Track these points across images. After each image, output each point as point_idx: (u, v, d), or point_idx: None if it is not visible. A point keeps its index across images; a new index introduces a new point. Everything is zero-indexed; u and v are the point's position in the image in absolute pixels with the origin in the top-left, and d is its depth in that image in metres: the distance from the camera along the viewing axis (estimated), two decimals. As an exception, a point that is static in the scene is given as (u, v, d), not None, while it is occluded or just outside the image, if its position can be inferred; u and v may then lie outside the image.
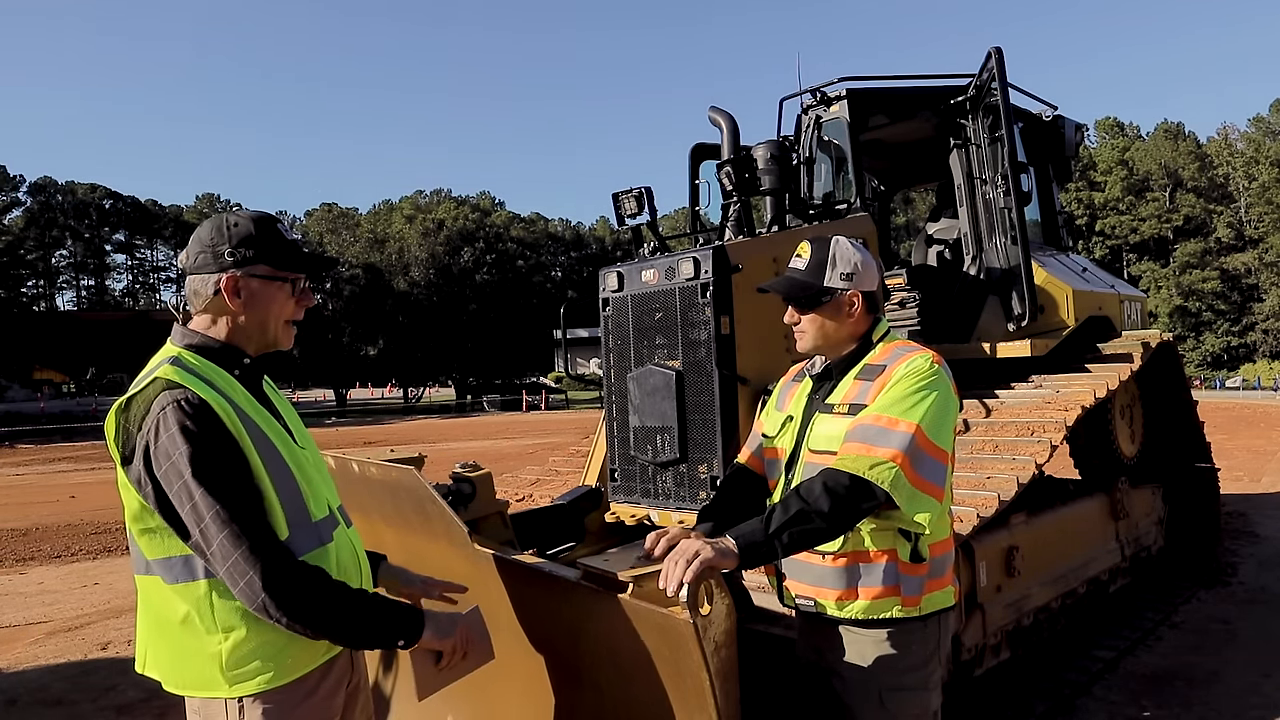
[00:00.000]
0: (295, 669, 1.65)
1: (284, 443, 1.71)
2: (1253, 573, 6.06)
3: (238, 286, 1.67)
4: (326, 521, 1.74)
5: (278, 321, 1.74)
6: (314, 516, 1.70)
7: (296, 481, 1.67)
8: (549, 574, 2.17)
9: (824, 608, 1.98)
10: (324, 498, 1.77)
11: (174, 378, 1.58)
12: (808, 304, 2.06)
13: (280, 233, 1.73)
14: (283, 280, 1.72)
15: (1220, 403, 28.83)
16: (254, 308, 1.70)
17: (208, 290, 1.68)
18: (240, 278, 1.67)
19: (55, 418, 34.48)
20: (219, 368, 1.68)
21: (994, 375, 4.64)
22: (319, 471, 1.83)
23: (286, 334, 1.77)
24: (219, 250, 1.66)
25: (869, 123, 5.35)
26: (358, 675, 1.86)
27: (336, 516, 1.81)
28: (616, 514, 4.14)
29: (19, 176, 67.65)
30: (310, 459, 1.80)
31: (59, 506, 11.45)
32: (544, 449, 14.98)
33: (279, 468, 1.65)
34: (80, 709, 4.21)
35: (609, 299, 4.17)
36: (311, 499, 1.71)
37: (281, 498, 1.63)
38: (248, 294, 1.69)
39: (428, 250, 57.08)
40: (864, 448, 1.86)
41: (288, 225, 1.78)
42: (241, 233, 1.67)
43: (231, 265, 1.66)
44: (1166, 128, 61.32)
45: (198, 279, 1.69)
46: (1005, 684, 3.89)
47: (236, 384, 1.68)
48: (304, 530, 1.66)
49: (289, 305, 1.75)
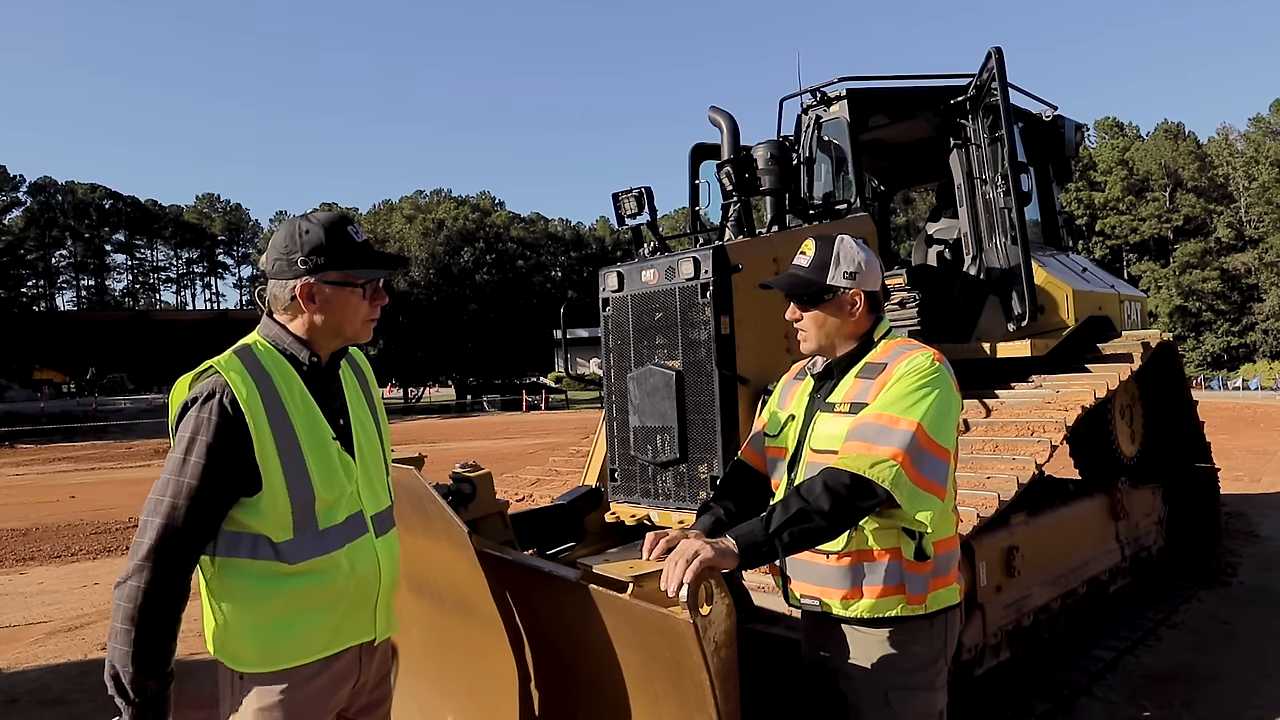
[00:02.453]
0: (288, 658, 1.70)
1: (318, 443, 1.75)
2: (1253, 573, 6.05)
3: (312, 293, 1.76)
4: (342, 529, 1.77)
5: (353, 322, 1.83)
6: (322, 524, 1.73)
7: (312, 486, 1.71)
8: (549, 574, 2.17)
9: (829, 607, 1.98)
10: (348, 503, 1.79)
11: (223, 366, 1.69)
12: (810, 301, 2.06)
13: (350, 237, 1.79)
14: (354, 285, 1.79)
15: (1220, 403, 28.82)
16: (328, 311, 1.78)
17: (285, 295, 1.77)
18: (314, 284, 1.75)
19: (55, 418, 34.43)
20: (285, 361, 1.77)
21: (994, 375, 4.63)
22: (369, 475, 1.87)
23: (365, 330, 1.86)
24: (293, 258, 1.75)
25: (869, 123, 5.35)
26: (366, 676, 1.88)
27: (365, 524, 1.83)
28: (616, 514, 4.15)
29: (19, 176, 67.70)
30: (362, 461, 1.85)
31: (59, 506, 11.44)
32: (544, 449, 14.98)
33: (297, 470, 1.69)
34: (80, 709, 4.21)
35: (609, 299, 4.17)
36: (326, 505, 1.74)
37: (293, 498, 1.68)
38: (322, 299, 1.77)
39: (428, 250, 57.08)
40: (865, 446, 1.86)
41: (357, 228, 1.84)
42: (313, 240, 1.75)
43: (305, 273, 1.75)
44: (1166, 128, 61.35)
45: (276, 284, 1.79)
46: (1005, 684, 3.89)
47: (296, 378, 1.77)
48: (305, 538, 1.70)
49: (362, 306, 1.83)
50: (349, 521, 1.79)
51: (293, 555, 1.68)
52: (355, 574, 1.78)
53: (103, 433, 28.18)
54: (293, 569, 1.69)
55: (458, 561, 2.38)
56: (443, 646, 2.72)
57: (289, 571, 1.69)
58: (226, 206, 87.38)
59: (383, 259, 1.88)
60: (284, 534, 1.68)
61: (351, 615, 1.79)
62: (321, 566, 1.72)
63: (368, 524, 1.84)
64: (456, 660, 2.67)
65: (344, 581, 1.75)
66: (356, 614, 1.81)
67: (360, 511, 1.82)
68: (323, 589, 1.72)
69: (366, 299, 1.83)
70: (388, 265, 1.90)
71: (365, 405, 1.95)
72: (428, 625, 2.75)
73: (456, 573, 2.45)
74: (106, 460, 18.58)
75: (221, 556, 1.69)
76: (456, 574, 2.46)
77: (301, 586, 1.70)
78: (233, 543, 1.69)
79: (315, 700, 1.75)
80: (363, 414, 1.92)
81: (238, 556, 1.68)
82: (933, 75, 5.33)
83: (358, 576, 1.78)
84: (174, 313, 76.44)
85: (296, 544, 1.69)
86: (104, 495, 12.31)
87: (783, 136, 5.55)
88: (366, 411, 1.94)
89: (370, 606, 1.84)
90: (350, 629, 1.80)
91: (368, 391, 1.99)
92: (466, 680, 2.65)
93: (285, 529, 1.68)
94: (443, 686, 2.74)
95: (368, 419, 1.93)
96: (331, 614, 1.75)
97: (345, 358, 1.94)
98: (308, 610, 1.71)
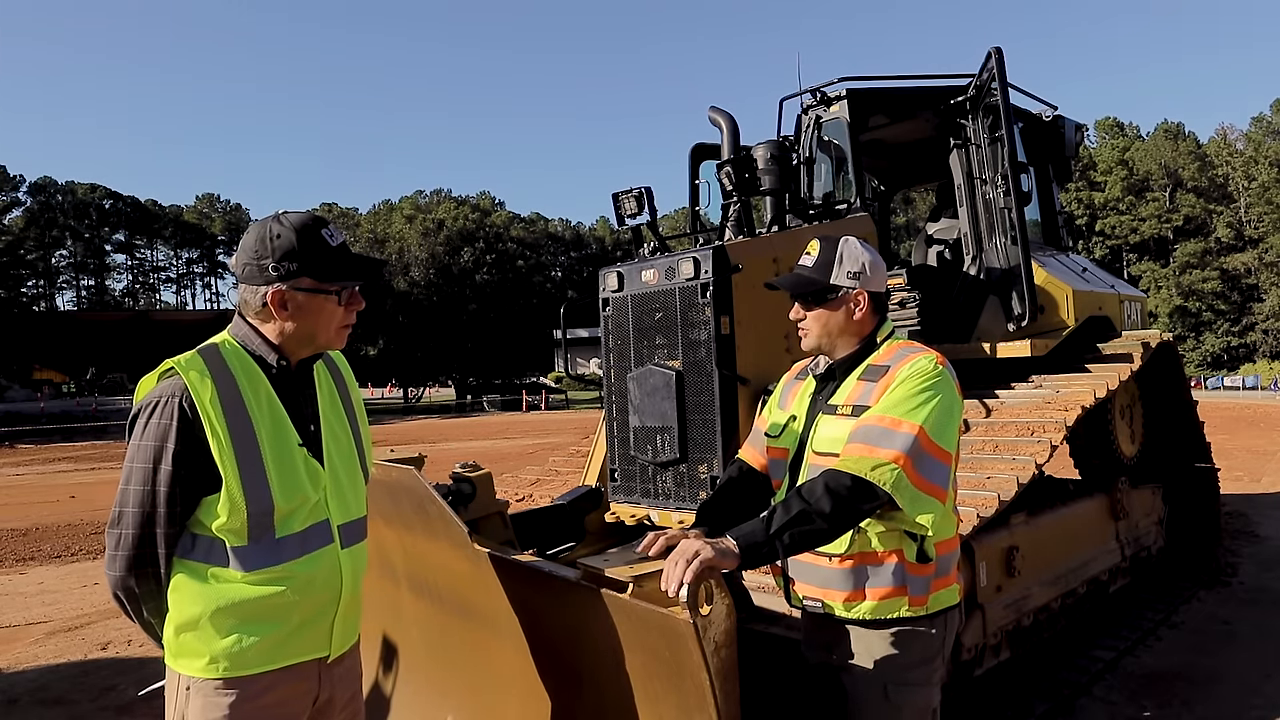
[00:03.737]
0: (233, 667, 1.64)
1: (281, 449, 1.69)
2: (1253, 573, 6.05)
3: (284, 300, 1.69)
4: (300, 538, 1.70)
5: (326, 330, 1.76)
6: (279, 532, 1.67)
7: (271, 493, 1.65)
8: (549, 574, 2.17)
9: (832, 609, 1.99)
10: (312, 512, 1.73)
11: (183, 366, 1.64)
12: (813, 300, 2.06)
13: (324, 241, 1.70)
14: (328, 293, 1.72)
15: (1220, 403, 28.82)
16: (301, 318, 1.71)
17: (256, 301, 1.70)
18: (286, 291, 1.68)
19: (55, 418, 34.43)
20: (253, 362, 1.71)
21: (994, 375, 4.63)
22: (339, 483, 1.80)
23: (339, 337, 1.79)
24: (264, 263, 1.67)
25: (869, 123, 5.35)
26: (329, 692, 1.80)
27: (331, 534, 1.76)
28: (616, 514, 4.14)
29: (19, 176, 67.65)
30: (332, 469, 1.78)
31: (59, 506, 11.45)
32: (544, 449, 14.98)
33: (255, 475, 1.64)
34: (80, 709, 4.21)
35: (609, 299, 4.16)
36: (284, 514, 1.67)
37: (249, 504, 1.63)
38: (294, 306, 1.70)
39: (428, 250, 57.12)
40: (866, 449, 1.86)
41: (334, 229, 1.75)
42: (284, 245, 1.66)
43: (276, 279, 1.67)
44: (1166, 128, 61.35)
45: (247, 289, 1.71)
46: (1005, 684, 3.89)
47: (263, 381, 1.71)
48: (260, 545, 1.65)
49: (338, 313, 1.76)
50: (310, 531, 1.72)
51: (245, 562, 1.63)
52: (312, 586, 1.71)
53: (103, 433, 28.15)
54: (244, 576, 1.63)
55: (458, 561, 2.38)
56: (443, 646, 2.72)
57: (240, 578, 1.63)
58: (226, 206, 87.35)
59: (360, 264, 1.79)
60: (239, 539, 1.63)
61: (304, 629, 1.71)
62: (276, 576, 1.65)
63: (333, 534, 1.76)
64: (456, 660, 2.67)
65: (297, 593, 1.68)
66: (310, 628, 1.73)
67: (326, 521, 1.75)
68: (274, 599, 1.66)
69: (342, 305, 1.75)
70: (365, 271, 1.80)
71: (340, 410, 1.88)
72: (428, 625, 2.75)
73: (456, 573, 2.45)
74: (106, 460, 18.57)
75: (177, 557, 1.65)
76: (456, 574, 2.46)
77: (252, 594, 1.64)
78: (187, 544, 1.65)
79: (265, 716, 1.67)
80: (336, 420, 1.85)
81: (191, 559, 1.65)
82: (933, 75, 5.34)
83: (315, 589, 1.71)
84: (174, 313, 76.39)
85: (250, 551, 1.63)
86: (104, 495, 12.29)
87: (783, 136, 5.54)
88: (341, 417, 1.87)
89: (327, 621, 1.76)
90: (301, 643, 1.72)
91: (345, 396, 1.92)
92: (466, 680, 2.65)
93: (240, 535, 1.62)
94: (442, 686, 2.74)
95: (341, 425, 1.86)
96: (281, 626, 1.67)
97: (322, 359, 1.87)
98: (256, 620, 1.65)
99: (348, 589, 1.79)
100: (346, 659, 1.86)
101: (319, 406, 1.82)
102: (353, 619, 1.86)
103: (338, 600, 1.77)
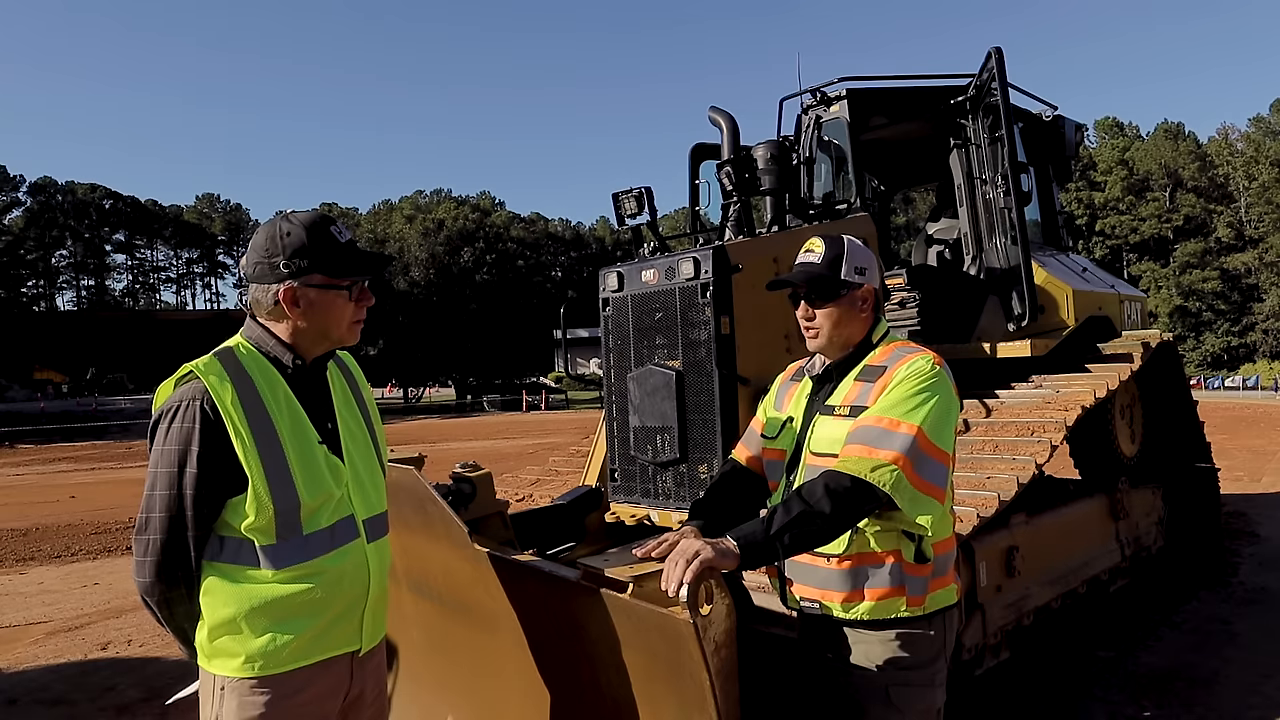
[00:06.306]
0: (268, 665, 1.65)
1: (303, 446, 1.71)
2: (1253, 573, 6.05)
3: (295, 297, 1.71)
4: (329, 534, 1.72)
5: (339, 325, 1.78)
6: (307, 529, 1.69)
7: (297, 490, 1.67)
8: (549, 574, 2.17)
9: (830, 610, 1.98)
10: (337, 507, 1.75)
11: (202, 370, 1.66)
12: (825, 296, 2.04)
13: (333, 237, 1.73)
14: (339, 288, 1.74)
15: (1220, 403, 28.82)
16: (314, 315, 1.73)
17: (268, 300, 1.71)
18: (298, 288, 1.70)
19: (55, 418, 34.43)
20: (269, 363, 1.73)
21: (994, 375, 4.63)
22: (359, 478, 1.82)
23: (351, 332, 1.81)
24: (274, 261, 1.69)
25: (869, 123, 5.35)
26: (360, 687, 1.83)
27: (357, 528, 1.79)
28: (616, 514, 4.14)
29: (19, 176, 67.72)
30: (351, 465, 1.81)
31: (59, 506, 11.44)
32: (544, 449, 14.98)
33: (280, 473, 1.65)
34: (80, 709, 4.21)
35: (609, 299, 4.16)
36: (311, 510, 1.69)
37: (276, 502, 1.64)
38: (306, 303, 1.72)
39: (428, 250, 57.12)
40: (865, 450, 1.86)
41: (341, 226, 1.78)
42: (295, 242, 1.69)
43: (287, 276, 1.69)
44: (1166, 128, 61.31)
45: (258, 289, 1.72)
46: (1005, 684, 3.89)
47: (280, 381, 1.72)
48: (290, 543, 1.67)
49: (349, 308, 1.78)
50: (337, 526, 1.74)
51: (275, 560, 1.65)
52: (341, 581, 1.73)
53: (103, 433, 28.17)
54: (275, 574, 1.65)
55: (458, 561, 2.38)
56: (443, 647, 2.72)
57: (271, 577, 1.65)
58: (226, 206, 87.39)
59: (369, 259, 1.82)
60: (267, 538, 1.64)
61: (337, 623, 1.74)
62: (306, 572, 1.67)
63: (359, 529, 1.79)
64: (456, 660, 2.67)
65: (328, 589, 1.70)
66: (342, 622, 1.75)
67: (351, 516, 1.78)
68: (306, 595, 1.67)
69: (353, 300, 1.77)
70: (374, 266, 1.83)
71: (354, 408, 1.90)
72: (428, 626, 2.75)
73: (456, 573, 2.45)
74: (106, 460, 18.58)
75: (206, 560, 1.66)
76: (456, 574, 2.46)
77: (284, 592, 1.65)
78: (216, 547, 1.66)
79: (300, 713, 1.69)
80: (351, 417, 1.87)
81: (221, 561, 1.66)
82: (933, 75, 5.34)
83: (344, 584, 1.73)
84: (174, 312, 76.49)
85: (279, 549, 1.65)
86: (104, 495, 12.30)
87: (783, 136, 5.54)
88: (356, 414, 1.89)
89: (358, 614, 1.78)
90: (335, 637, 1.74)
91: (358, 394, 1.95)
92: (467, 681, 2.65)
93: (269, 534, 1.64)
94: (443, 687, 2.74)
95: (357, 422, 1.88)
96: (315, 621, 1.69)
97: (333, 359, 1.89)
98: (290, 617, 1.66)
99: (375, 583, 1.82)
100: (376, 654, 1.89)
101: (334, 404, 1.84)
102: (381, 613, 1.88)
103: (366, 594, 1.79)
